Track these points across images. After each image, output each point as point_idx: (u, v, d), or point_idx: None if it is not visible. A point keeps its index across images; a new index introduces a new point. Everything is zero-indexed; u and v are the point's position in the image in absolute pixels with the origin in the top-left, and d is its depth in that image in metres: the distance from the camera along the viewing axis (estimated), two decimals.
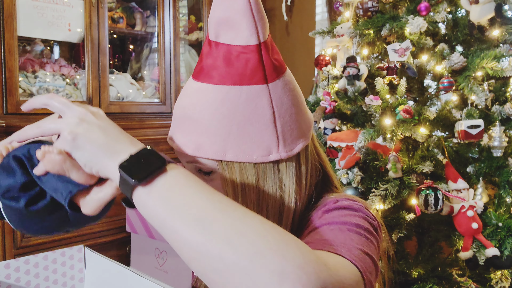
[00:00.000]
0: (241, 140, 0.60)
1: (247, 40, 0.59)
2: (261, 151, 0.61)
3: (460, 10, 1.68)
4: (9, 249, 1.77)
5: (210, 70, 0.61)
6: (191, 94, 0.63)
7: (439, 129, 1.60)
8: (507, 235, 1.40)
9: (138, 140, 0.62)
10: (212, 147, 0.60)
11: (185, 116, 0.62)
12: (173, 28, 2.47)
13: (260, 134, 0.61)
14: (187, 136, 0.62)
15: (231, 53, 0.60)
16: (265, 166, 0.62)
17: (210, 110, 0.60)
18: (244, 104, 0.60)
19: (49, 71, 2.05)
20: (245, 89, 0.60)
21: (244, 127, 0.60)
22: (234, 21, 0.59)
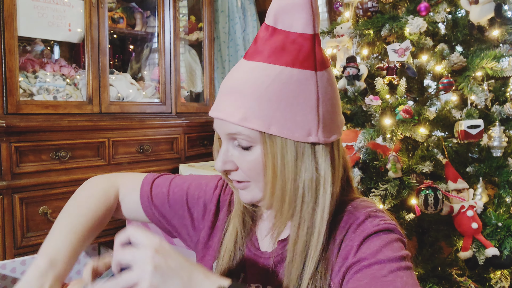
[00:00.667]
0: (286, 117, 0.64)
1: (304, 29, 0.65)
2: (302, 131, 0.65)
3: (460, 10, 1.68)
4: (9, 249, 1.77)
5: (265, 51, 0.66)
6: (244, 71, 0.67)
7: (439, 129, 1.60)
8: (507, 235, 1.40)
9: (138, 140, 0.63)
10: (258, 119, 0.64)
11: (235, 89, 0.66)
12: (173, 28, 2.47)
13: (303, 115, 0.65)
14: (235, 107, 0.65)
15: (288, 38, 0.65)
16: (304, 146, 0.66)
17: (262, 85, 0.64)
18: (294, 84, 0.65)
19: (49, 71, 2.05)
20: (296, 71, 0.65)
21: (291, 106, 0.65)
22: (294, 10, 0.65)
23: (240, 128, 0.65)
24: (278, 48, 0.65)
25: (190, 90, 2.80)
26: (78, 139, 1.99)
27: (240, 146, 0.68)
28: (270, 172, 0.66)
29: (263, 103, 0.64)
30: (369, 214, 0.69)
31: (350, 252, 0.66)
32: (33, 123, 1.83)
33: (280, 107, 0.64)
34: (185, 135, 2.50)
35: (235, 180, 0.72)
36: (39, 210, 1.86)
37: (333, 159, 0.69)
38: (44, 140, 1.88)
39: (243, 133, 0.66)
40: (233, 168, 0.70)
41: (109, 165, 2.11)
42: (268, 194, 0.68)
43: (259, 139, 0.66)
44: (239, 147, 0.68)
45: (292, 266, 0.69)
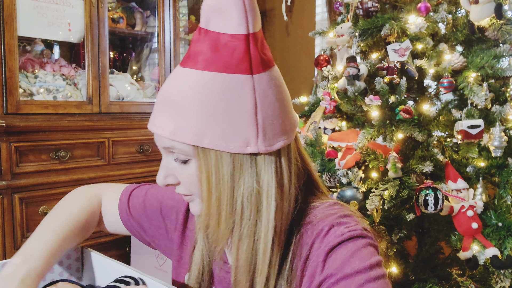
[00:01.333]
0: (219, 127, 0.59)
1: (236, 29, 0.59)
2: (239, 141, 0.60)
3: (460, 10, 1.68)
4: (9, 249, 1.77)
5: (196, 56, 0.61)
6: (176, 78, 0.63)
7: (439, 129, 1.60)
8: (507, 235, 1.40)
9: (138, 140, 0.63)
10: (189, 131, 0.60)
11: (167, 99, 0.62)
12: (173, 28, 2.47)
13: (239, 124, 0.60)
14: (166, 119, 0.62)
15: (219, 40, 0.60)
16: (242, 158, 0.61)
17: (192, 94, 0.59)
18: (226, 91, 0.59)
19: (49, 71, 2.05)
20: (229, 77, 0.59)
21: (224, 115, 0.59)
22: (225, 9, 0.59)
23: (173, 142, 0.62)
24: (209, 52, 0.60)
25: None
26: (78, 139, 1.99)
27: (178, 159, 0.64)
28: (205, 187, 0.62)
29: (193, 115, 0.59)
30: (332, 224, 0.64)
31: (316, 269, 0.62)
32: (33, 123, 1.83)
33: (212, 117, 0.59)
34: None
35: (180, 193, 0.69)
36: (39, 210, 1.86)
37: (280, 168, 0.64)
38: (44, 140, 1.88)
39: (176, 147, 0.62)
40: (175, 182, 0.67)
41: (109, 165, 2.11)
42: (204, 210, 0.64)
43: (193, 153, 0.62)
44: (178, 161, 0.65)
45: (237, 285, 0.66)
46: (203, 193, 0.63)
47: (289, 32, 3.06)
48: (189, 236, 0.81)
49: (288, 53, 3.07)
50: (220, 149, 0.60)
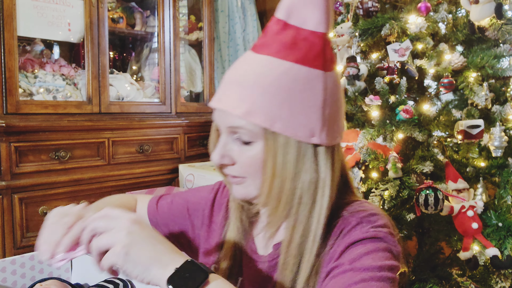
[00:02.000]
0: (291, 115, 0.63)
1: (317, 27, 0.64)
2: (306, 131, 0.64)
3: (460, 10, 1.68)
4: (9, 249, 1.77)
5: (274, 46, 0.64)
6: (250, 63, 0.66)
7: (439, 129, 1.60)
8: (507, 235, 1.40)
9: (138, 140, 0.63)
10: (263, 114, 0.62)
11: (241, 81, 0.64)
12: (173, 28, 2.47)
13: (308, 115, 0.64)
14: (239, 100, 0.64)
15: (299, 34, 0.64)
16: (306, 147, 0.65)
17: (269, 79, 0.63)
18: (301, 82, 0.63)
19: (49, 71, 2.05)
20: (304, 69, 0.63)
21: (297, 104, 0.63)
22: (308, 6, 0.63)
23: (243, 122, 0.64)
24: (288, 43, 0.64)
25: (190, 90, 2.80)
26: (77, 139, 1.99)
27: (240, 140, 0.66)
28: (270, 170, 0.64)
29: (268, 99, 0.63)
30: (361, 220, 0.66)
31: (333, 257, 0.64)
32: (33, 123, 1.83)
33: (286, 104, 0.63)
34: (185, 135, 2.49)
35: (230, 174, 0.70)
36: (39, 210, 1.86)
37: (333, 163, 0.68)
38: (44, 140, 1.88)
39: (245, 128, 0.64)
40: (230, 163, 0.68)
41: (109, 165, 2.11)
42: (265, 192, 0.66)
43: (261, 135, 0.64)
44: (239, 142, 0.66)
45: (285, 268, 0.67)
46: (266, 175, 0.65)
47: None
48: (214, 230, 0.84)
49: None
50: (289, 135, 0.63)
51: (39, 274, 1.05)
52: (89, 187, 2.02)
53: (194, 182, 2.20)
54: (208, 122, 2.66)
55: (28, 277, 1.04)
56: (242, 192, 0.70)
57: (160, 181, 2.34)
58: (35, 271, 1.05)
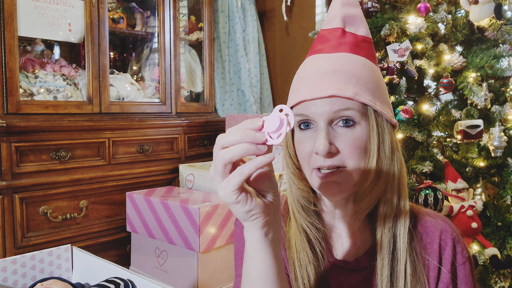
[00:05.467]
0: (382, 98, 0.72)
1: (367, 34, 0.76)
2: (389, 112, 0.73)
3: (460, 10, 1.68)
4: (9, 249, 1.77)
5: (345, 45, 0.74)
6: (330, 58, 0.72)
7: (438, 129, 1.60)
8: (507, 235, 1.40)
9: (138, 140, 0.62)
10: (367, 95, 0.70)
11: (334, 71, 0.70)
12: (173, 28, 2.47)
13: (387, 99, 0.74)
14: (343, 85, 0.69)
15: (357, 39, 0.75)
16: (391, 127, 0.73)
17: (358, 68, 0.71)
18: (378, 72, 0.75)
19: (49, 71, 2.05)
20: (373, 64, 0.75)
21: (382, 89, 0.73)
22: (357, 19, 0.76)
23: (351, 103, 0.68)
24: (354, 44, 0.74)
25: (190, 90, 2.80)
26: (78, 139, 1.99)
27: (343, 124, 0.69)
28: (375, 146, 0.69)
29: (366, 82, 0.70)
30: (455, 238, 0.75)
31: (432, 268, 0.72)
32: (33, 123, 1.83)
33: (377, 88, 0.72)
34: (185, 135, 2.50)
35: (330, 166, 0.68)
36: (39, 210, 1.86)
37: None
38: (44, 140, 1.88)
39: (353, 107, 0.68)
40: (335, 151, 0.68)
41: (109, 165, 2.11)
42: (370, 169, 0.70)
43: (365, 115, 0.70)
44: (340, 126, 0.69)
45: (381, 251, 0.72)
46: (371, 153, 0.70)
47: (289, 32, 3.06)
48: None
49: (288, 53, 3.07)
50: (384, 114, 0.71)
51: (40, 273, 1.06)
52: (90, 187, 2.02)
53: (194, 182, 2.20)
54: (208, 122, 2.66)
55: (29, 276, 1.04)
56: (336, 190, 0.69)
57: (160, 181, 2.34)
58: (36, 270, 1.05)
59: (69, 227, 1.95)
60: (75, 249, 1.08)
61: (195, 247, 1.70)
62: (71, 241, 1.92)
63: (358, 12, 0.76)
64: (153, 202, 1.89)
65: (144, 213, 1.93)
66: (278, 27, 3.13)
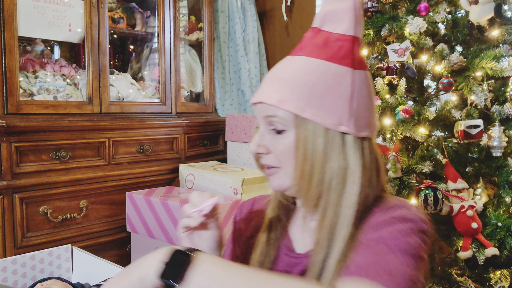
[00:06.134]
0: (319, 104, 0.69)
1: (346, 30, 0.72)
2: (334, 119, 0.70)
3: (460, 11, 1.68)
4: (9, 249, 1.77)
5: (308, 48, 0.73)
6: (287, 63, 0.74)
7: (438, 129, 1.60)
8: (507, 235, 1.40)
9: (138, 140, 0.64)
10: (294, 102, 0.69)
11: (276, 77, 0.73)
12: (173, 28, 2.47)
13: (336, 105, 0.70)
14: (273, 91, 0.71)
15: (330, 38, 0.72)
16: (335, 135, 0.70)
17: (301, 73, 0.71)
18: (331, 77, 0.70)
19: (49, 71, 2.05)
20: (334, 66, 0.71)
21: (325, 95, 0.70)
22: (339, 14, 0.72)
23: (277, 110, 0.70)
24: (320, 44, 0.72)
25: (190, 90, 2.80)
26: (78, 139, 1.99)
27: (275, 130, 0.72)
28: (301, 155, 0.70)
29: (300, 89, 0.70)
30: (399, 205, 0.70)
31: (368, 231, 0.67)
32: (33, 123, 1.83)
33: (315, 94, 0.69)
34: (185, 135, 2.50)
35: (266, 165, 0.75)
36: (39, 210, 1.86)
37: (363, 154, 0.72)
38: (44, 140, 1.88)
39: (278, 115, 0.70)
40: (265, 152, 0.74)
41: (109, 165, 2.11)
42: (297, 176, 0.71)
43: (292, 123, 0.70)
44: (273, 131, 0.72)
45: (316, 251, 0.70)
46: (298, 161, 0.70)
47: (289, 32, 3.06)
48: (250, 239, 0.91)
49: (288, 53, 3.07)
50: (318, 122, 0.69)
51: (40, 273, 1.06)
52: (90, 187, 2.02)
53: (194, 182, 2.20)
54: (208, 122, 2.66)
55: (29, 276, 1.04)
56: (277, 183, 0.75)
57: (160, 181, 2.34)
58: (36, 270, 1.05)
59: (69, 227, 1.95)
60: (75, 249, 1.08)
61: None
62: (71, 241, 1.92)
63: (345, 6, 0.72)
64: (153, 202, 1.89)
65: (144, 213, 1.93)
66: (278, 27, 3.13)
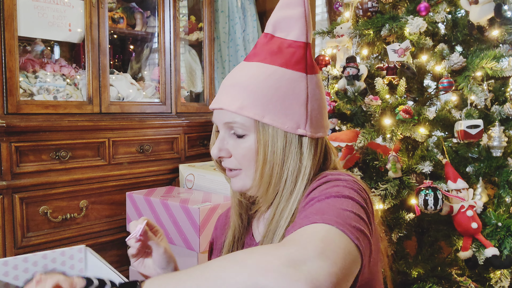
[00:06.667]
0: (278, 109, 0.73)
1: (298, 37, 0.76)
2: (292, 123, 0.74)
3: (460, 10, 1.68)
4: (9, 248, 1.77)
5: (262, 54, 0.76)
6: (243, 69, 0.77)
7: (438, 129, 1.60)
8: (507, 235, 1.40)
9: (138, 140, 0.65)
10: (253, 108, 0.73)
11: (234, 83, 0.76)
12: (173, 28, 2.47)
13: (293, 109, 0.74)
14: (233, 98, 0.74)
15: (283, 44, 0.76)
16: (292, 138, 0.74)
17: (258, 80, 0.74)
18: (286, 82, 0.74)
19: (49, 71, 2.05)
20: (289, 72, 0.74)
21: (283, 100, 0.73)
22: (291, 21, 0.76)
23: (237, 116, 0.73)
24: (274, 51, 0.75)
25: (190, 90, 2.80)
26: (78, 139, 1.99)
27: (235, 134, 0.75)
28: (261, 157, 0.74)
29: (258, 95, 0.73)
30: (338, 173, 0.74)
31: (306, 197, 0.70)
32: (33, 123, 1.83)
33: (273, 100, 0.73)
34: (185, 135, 2.50)
35: (228, 168, 0.79)
36: (39, 210, 1.86)
37: (316, 153, 0.77)
38: (44, 140, 1.88)
39: (239, 121, 0.74)
40: (227, 156, 0.78)
41: (109, 165, 2.11)
42: (257, 178, 0.75)
43: (253, 128, 0.74)
44: (234, 136, 0.76)
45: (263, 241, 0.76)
46: (258, 163, 0.74)
47: None
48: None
49: None
50: (277, 126, 0.73)
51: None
52: (90, 187, 2.02)
53: (194, 182, 2.20)
54: (208, 122, 2.66)
55: None
56: (239, 184, 0.79)
57: (160, 181, 2.34)
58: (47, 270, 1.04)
59: (69, 227, 1.95)
60: (88, 251, 1.06)
61: (195, 247, 1.70)
62: (71, 241, 1.92)
63: (296, 13, 0.76)
64: (153, 202, 1.89)
65: (144, 213, 1.93)
66: None
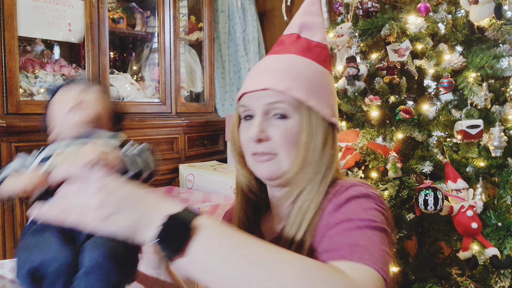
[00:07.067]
0: (318, 95, 0.77)
1: (322, 40, 0.84)
2: (328, 111, 0.78)
3: (460, 11, 1.68)
4: (9, 249, 1.77)
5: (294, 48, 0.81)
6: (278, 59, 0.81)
7: (438, 129, 1.60)
8: (507, 235, 1.40)
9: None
10: (302, 90, 0.76)
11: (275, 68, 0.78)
12: (173, 28, 2.47)
13: (328, 99, 0.79)
14: (280, 79, 0.76)
15: (310, 43, 0.83)
16: (329, 127, 0.78)
17: (300, 68, 0.78)
18: (320, 74, 0.80)
19: (49, 71, 2.05)
20: (320, 66, 0.81)
21: (321, 88, 0.79)
22: (314, 26, 0.84)
23: (284, 96, 0.75)
24: (304, 48, 0.81)
25: (190, 90, 2.80)
26: None
27: (279, 115, 0.76)
28: (304, 141, 0.75)
29: (303, 79, 0.76)
30: (355, 184, 0.75)
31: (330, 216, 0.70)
32: (33, 123, 1.83)
33: (314, 86, 0.77)
34: (185, 135, 2.50)
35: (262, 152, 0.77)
36: None
37: (336, 147, 0.81)
38: (44, 140, 1.87)
39: (285, 101, 0.75)
40: (266, 138, 0.76)
41: None
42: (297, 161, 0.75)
43: (297, 110, 0.76)
44: (275, 118, 0.76)
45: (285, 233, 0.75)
46: (300, 147, 0.75)
47: None
48: None
49: None
50: (320, 111, 0.76)
51: None
52: None
53: (194, 182, 2.20)
54: (208, 122, 2.66)
55: None
56: (272, 169, 0.77)
57: (160, 181, 2.34)
58: None
59: None
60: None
61: None
62: None
63: (318, 21, 0.84)
64: None
65: None
66: (278, 27, 3.13)
